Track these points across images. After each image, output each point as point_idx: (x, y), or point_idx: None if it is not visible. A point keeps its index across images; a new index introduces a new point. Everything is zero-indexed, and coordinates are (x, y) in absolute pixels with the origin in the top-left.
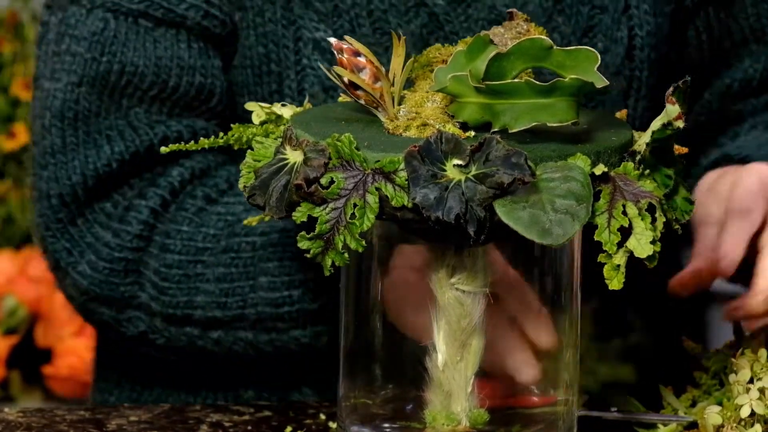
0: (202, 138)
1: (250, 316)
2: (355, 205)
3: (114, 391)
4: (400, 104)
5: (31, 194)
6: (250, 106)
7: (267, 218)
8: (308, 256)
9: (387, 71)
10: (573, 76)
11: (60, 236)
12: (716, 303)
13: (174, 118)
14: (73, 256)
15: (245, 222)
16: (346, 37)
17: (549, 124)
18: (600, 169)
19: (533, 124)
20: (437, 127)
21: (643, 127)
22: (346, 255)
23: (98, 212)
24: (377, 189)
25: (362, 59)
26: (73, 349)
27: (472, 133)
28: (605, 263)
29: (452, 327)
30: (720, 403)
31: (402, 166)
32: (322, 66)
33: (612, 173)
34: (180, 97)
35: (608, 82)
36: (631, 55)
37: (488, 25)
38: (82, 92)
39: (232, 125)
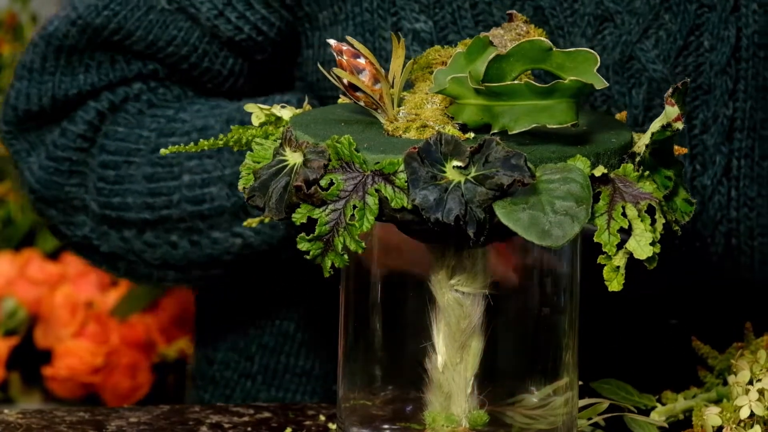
0: (201, 140)
1: (174, 215)
2: (354, 207)
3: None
4: (399, 106)
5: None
6: (249, 107)
7: (267, 220)
8: (308, 257)
9: (387, 73)
10: (572, 78)
11: (21, 138)
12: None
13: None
14: (30, 156)
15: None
16: (348, 38)
17: (548, 126)
18: (600, 171)
19: (533, 125)
20: (437, 128)
21: (752, 127)
22: (346, 256)
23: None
24: (377, 190)
25: (362, 61)
26: (73, 350)
27: (472, 135)
28: (605, 264)
29: (452, 328)
30: (720, 400)
31: (401, 167)
32: (321, 68)
33: (612, 175)
34: (171, 65)
35: (608, 84)
36: (738, 55)
37: (594, 20)
38: (72, 31)
39: (232, 126)
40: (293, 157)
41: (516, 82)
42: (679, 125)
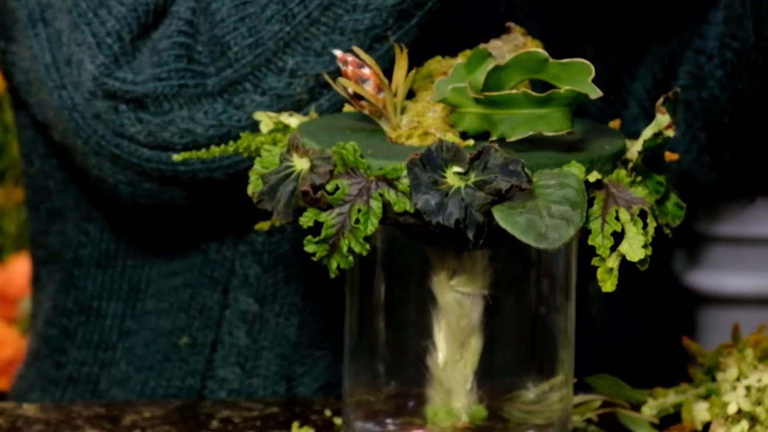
0: (213, 146)
1: None
2: (359, 211)
3: None
4: (402, 114)
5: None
6: (258, 116)
7: (278, 223)
8: (314, 259)
9: (390, 82)
10: (568, 88)
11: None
12: (708, 304)
13: None
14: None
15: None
16: (353, 48)
17: (545, 134)
18: (594, 177)
19: (530, 133)
20: (438, 136)
21: None
22: (351, 258)
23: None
24: (380, 195)
25: (366, 71)
26: None
27: (472, 142)
28: (599, 266)
29: (452, 327)
30: (708, 395)
31: (404, 173)
32: (326, 77)
33: (605, 180)
34: None
35: (602, 94)
36: None
37: None
38: None
39: (241, 134)
40: (300, 163)
41: (514, 91)
42: (671, 133)
